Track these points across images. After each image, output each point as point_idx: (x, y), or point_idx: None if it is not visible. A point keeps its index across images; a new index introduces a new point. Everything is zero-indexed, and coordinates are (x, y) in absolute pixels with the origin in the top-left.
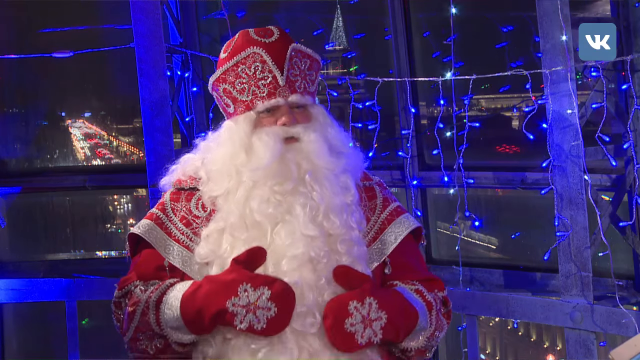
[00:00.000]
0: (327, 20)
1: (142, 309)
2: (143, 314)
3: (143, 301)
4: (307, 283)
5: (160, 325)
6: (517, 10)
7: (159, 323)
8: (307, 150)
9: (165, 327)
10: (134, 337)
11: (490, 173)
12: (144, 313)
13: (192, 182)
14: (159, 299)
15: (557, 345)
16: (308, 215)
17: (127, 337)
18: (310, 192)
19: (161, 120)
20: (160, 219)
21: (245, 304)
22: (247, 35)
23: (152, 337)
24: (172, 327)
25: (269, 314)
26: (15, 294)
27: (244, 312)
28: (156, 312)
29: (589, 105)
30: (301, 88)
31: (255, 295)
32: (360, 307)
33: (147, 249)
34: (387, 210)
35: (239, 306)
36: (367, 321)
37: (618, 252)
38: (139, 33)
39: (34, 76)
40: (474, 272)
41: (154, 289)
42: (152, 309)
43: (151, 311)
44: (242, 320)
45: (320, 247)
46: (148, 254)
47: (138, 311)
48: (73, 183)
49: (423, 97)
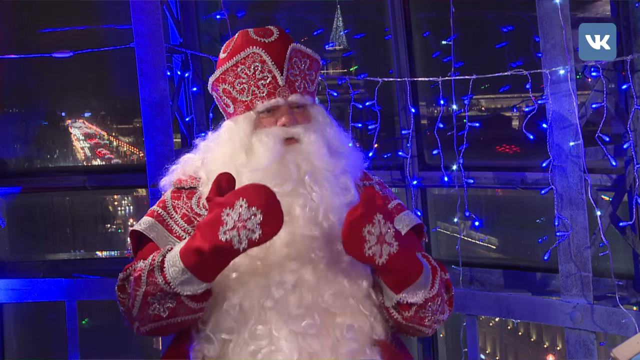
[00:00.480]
0: (327, 20)
1: (147, 272)
2: (149, 275)
3: (147, 265)
4: (306, 284)
5: (169, 283)
6: (517, 10)
7: (167, 281)
8: (307, 152)
9: (174, 284)
10: (144, 303)
11: (490, 173)
12: (150, 274)
13: (193, 181)
14: (162, 261)
15: (557, 345)
16: (308, 216)
17: (137, 306)
18: (310, 193)
19: (161, 120)
20: (161, 216)
21: (232, 226)
22: (246, 35)
23: (162, 297)
24: (181, 282)
25: (257, 220)
26: (15, 294)
27: (237, 233)
28: (162, 272)
29: (589, 105)
30: (301, 88)
31: (236, 213)
32: (382, 221)
33: (150, 244)
34: (389, 207)
35: (229, 231)
36: (382, 238)
37: (618, 252)
38: (139, 33)
39: (34, 76)
40: (474, 272)
41: (155, 254)
42: (158, 270)
43: (157, 272)
44: (240, 240)
45: (320, 248)
46: (151, 247)
47: (144, 275)
48: (73, 183)
49: (423, 97)
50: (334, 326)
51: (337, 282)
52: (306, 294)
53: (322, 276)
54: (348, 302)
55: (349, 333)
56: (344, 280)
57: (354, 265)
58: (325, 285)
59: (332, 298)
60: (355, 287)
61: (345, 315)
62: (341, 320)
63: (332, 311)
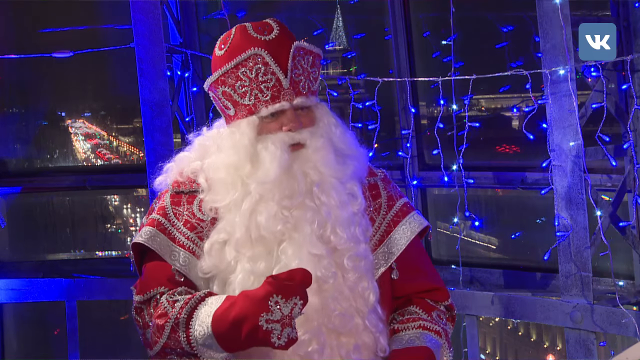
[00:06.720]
0: (327, 20)
1: (171, 326)
2: (173, 331)
3: (173, 317)
4: (312, 306)
5: (190, 344)
6: (517, 10)
7: (189, 341)
8: (314, 159)
9: (196, 344)
10: (162, 352)
11: (490, 173)
12: (173, 330)
13: (192, 184)
14: (189, 316)
15: (557, 345)
16: (315, 233)
17: (154, 351)
18: (319, 207)
19: (161, 120)
20: (162, 225)
21: (279, 318)
22: (245, 32)
23: (181, 354)
24: (203, 345)
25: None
26: (15, 294)
27: (279, 327)
28: (186, 330)
29: (589, 105)
30: (305, 89)
31: (288, 308)
32: None
33: (153, 262)
34: (393, 211)
35: (273, 322)
36: None
37: (618, 252)
38: (139, 33)
39: (34, 76)
40: (474, 272)
41: (184, 303)
42: (182, 327)
43: (181, 329)
44: (280, 336)
45: (327, 267)
46: (154, 267)
47: (167, 327)
48: (73, 183)
49: (423, 97)
50: (339, 346)
51: (344, 298)
52: (312, 317)
53: (329, 295)
54: (354, 322)
55: (355, 354)
56: (350, 296)
57: (361, 279)
58: (332, 303)
59: (339, 319)
60: (361, 302)
61: (351, 335)
62: (346, 340)
63: (338, 330)
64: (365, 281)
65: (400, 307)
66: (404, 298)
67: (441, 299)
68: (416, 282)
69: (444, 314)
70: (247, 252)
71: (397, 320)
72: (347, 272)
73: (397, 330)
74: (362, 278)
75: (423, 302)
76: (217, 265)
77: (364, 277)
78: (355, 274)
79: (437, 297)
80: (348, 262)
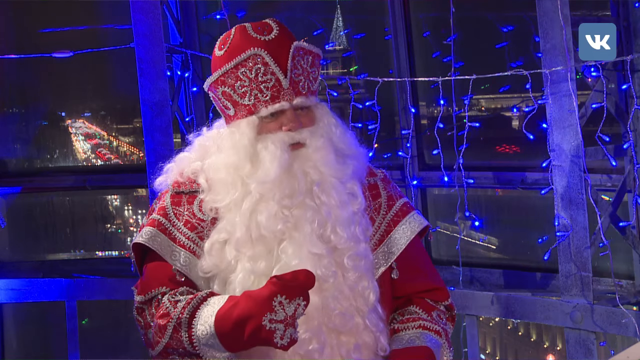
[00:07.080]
0: (327, 20)
1: (173, 326)
2: (175, 331)
3: (175, 317)
4: (313, 305)
5: (193, 344)
6: (517, 10)
7: (191, 341)
8: (315, 159)
9: (199, 344)
10: (164, 352)
11: (490, 173)
12: (175, 330)
13: (192, 185)
14: (191, 315)
15: (557, 345)
16: (315, 232)
17: (156, 352)
18: (319, 206)
19: (161, 120)
20: (163, 225)
21: (282, 318)
22: (244, 32)
23: (183, 354)
24: (205, 345)
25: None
26: (15, 294)
27: (283, 327)
28: (188, 329)
29: (589, 105)
30: (305, 89)
31: (291, 308)
32: None
33: (153, 262)
34: (393, 210)
35: (276, 322)
36: None
37: (618, 252)
38: (139, 33)
39: (34, 76)
40: (474, 272)
41: (186, 303)
42: (185, 327)
43: (183, 329)
44: (283, 336)
45: (327, 266)
46: (155, 267)
47: (169, 327)
48: (73, 183)
49: (423, 97)
50: (339, 345)
51: (344, 298)
52: (312, 316)
53: (329, 294)
54: (354, 321)
55: (355, 353)
56: (351, 296)
57: (361, 278)
58: (332, 302)
59: (339, 318)
60: (361, 301)
61: (351, 334)
62: (346, 339)
63: (339, 330)
64: (365, 280)
65: (400, 307)
66: (404, 298)
67: (441, 298)
68: (416, 281)
69: (444, 314)
70: (247, 252)
71: (397, 320)
72: (347, 271)
73: (397, 330)
74: (362, 277)
75: (423, 302)
76: (217, 265)
77: (364, 277)
78: (356, 273)
79: (437, 297)
80: (348, 261)
